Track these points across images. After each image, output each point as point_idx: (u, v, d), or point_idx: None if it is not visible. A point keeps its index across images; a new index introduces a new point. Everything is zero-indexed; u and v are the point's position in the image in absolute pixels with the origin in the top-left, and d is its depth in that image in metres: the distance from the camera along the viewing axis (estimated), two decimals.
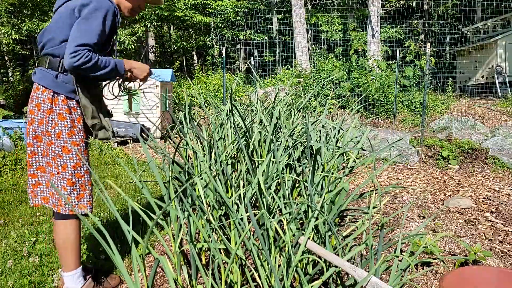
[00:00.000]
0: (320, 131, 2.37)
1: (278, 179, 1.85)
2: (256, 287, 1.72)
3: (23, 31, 9.89)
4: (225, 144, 2.22)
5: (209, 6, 16.83)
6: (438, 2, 19.23)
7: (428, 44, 5.70)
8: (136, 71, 1.75)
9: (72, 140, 1.65)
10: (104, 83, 1.88)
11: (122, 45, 11.28)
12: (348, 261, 1.80)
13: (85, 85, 1.64)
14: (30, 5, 10.30)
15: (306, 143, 1.99)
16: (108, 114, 1.80)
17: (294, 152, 2.14)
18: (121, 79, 1.87)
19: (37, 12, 10.49)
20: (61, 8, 1.64)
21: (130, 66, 1.72)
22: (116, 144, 6.88)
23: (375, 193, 2.93)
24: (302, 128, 2.50)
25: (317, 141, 2.24)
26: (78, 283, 1.73)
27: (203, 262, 1.87)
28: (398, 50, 8.54)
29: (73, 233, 1.69)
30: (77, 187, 1.68)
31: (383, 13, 10.87)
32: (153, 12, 15.23)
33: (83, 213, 1.71)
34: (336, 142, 2.21)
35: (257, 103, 2.65)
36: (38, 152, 1.66)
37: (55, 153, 1.63)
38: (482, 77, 14.59)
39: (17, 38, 10.10)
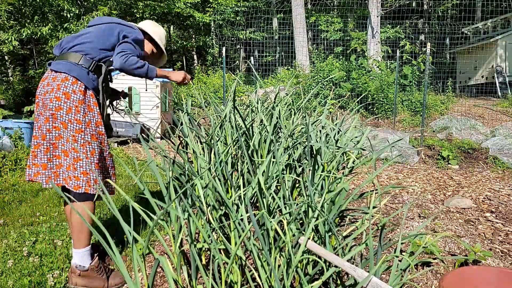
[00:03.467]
0: (320, 131, 2.37)
1: (278, 179, 1.85)
2: (256, 287, 1.72)
3: (23, 36, 9.92)
4: (226, 144, 2.23)
5: (209, 6, 16.84)
6: (438, 2, 19.23)
7: (428, 44, 5.70)
8: (173, 77, 2.13)
9: (99, 130, 1.88)
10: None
11: None
12: (348, 261, 1.80)
13: (105, 87, 1.93)
14: (29, 6, 10.31)
15: (306, 143, 1.99)
16: (109, 117, 2.07)
17: (294, 152, 2.14)
18: (111, 100, 2.23)
19: (37, 16, 10.49)
20: (102, 26, 1.95)
21: (163, 73, 2.06)
22: (116, 144, 6.88)
23: (375, 193, 2.93)
24: (302, 128, 2.50)
25: (317, 141, 2.24)
26: (86, 261, 1.87)
27: (203, 262, 1.87)
28: (398, 50, 8.54)
29: (90, 213, 1.81)
30: (103, 170, 1.91)
31: (383, 13, 10.86)
32: (153, 12, 15.24)
33: (111, 191, 1.96)
34: (336, 142, 2.21)
35: (257, 103, 2.65)
36: (64, 137, 1.78)
37: (84, 140, 1.80)
38: (482, 77, 14.59)
39: (17, 44, 10.14)
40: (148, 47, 2.19)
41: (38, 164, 1.85)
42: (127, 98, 2.37)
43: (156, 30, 2.20)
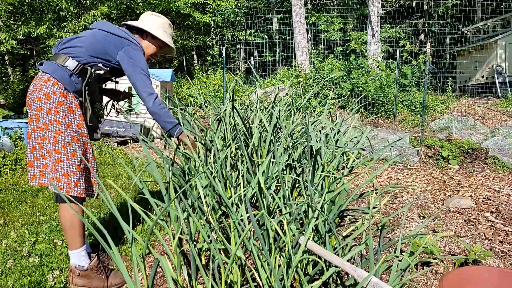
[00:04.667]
0: (320, 131, 2.37)
1: (278, 179, 1.85)
2: (256, 287, 1.72)
3: (20, 36, 9.91)
4: (225, 144, 2.22)
5: (209, 6, 16.84)
6: (438, 2, 19.22)
7: (428, 44, 5.70)
8: (195, 148, 2.10)
9: (81, 132, 1.86)
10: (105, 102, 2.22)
11: None
12: (348, 261, 1.80)
13: (89, 90, 1.89)
14: (28, 5, 10.30)
15: (306, 143, 1.99)
16: (98, 120, 2.06)
17: (294, 152, 2.14)
18: (114, 100, 2.22)
19: (34, 16, 10.50)
20: (99, 32, 1.93)
21: (184, 139, 2.05)
22: (116, 144, 6.88)
23: (375, 193, 2.93)
24: (302, 128, 2.50)
25: (317, 141, 2.24)
26: (84, 261, 1.88)
27: (203, 262, 1.86)
28: (398, 50, 8.54)
29: (79, 213, 1.85)
30: (84, 172, 1.87)
31: (383, 13, 10.85)
32: (153, 10, 15.24)
33: (92, 195, 1.91)
34: (336, 142, 2.21)
35: (257, 103, 2.65)
36: (46, 138, 1.80)
37: (64, 141, 1.79)
38: (482, 77, 14.57)
39: (15, 44, 10.12)
40: (151, 47, 2.13)
41: (27, 162, 1.88)
42: (128, 98, 2.34)
43: (159, 23, 2.11)
